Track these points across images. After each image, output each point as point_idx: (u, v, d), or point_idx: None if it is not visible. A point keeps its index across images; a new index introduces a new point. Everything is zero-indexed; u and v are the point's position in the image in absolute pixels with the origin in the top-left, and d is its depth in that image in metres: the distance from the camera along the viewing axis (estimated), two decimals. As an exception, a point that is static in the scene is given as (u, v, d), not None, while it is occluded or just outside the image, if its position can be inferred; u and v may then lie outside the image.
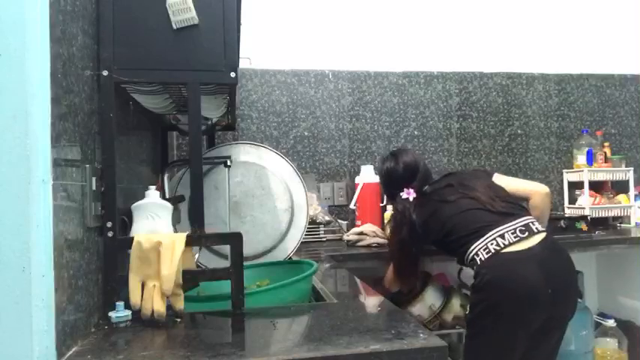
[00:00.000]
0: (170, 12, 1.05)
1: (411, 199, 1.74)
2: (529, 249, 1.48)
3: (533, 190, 1.74)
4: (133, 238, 1.01)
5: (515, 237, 1.49)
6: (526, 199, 1.74)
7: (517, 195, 1.73)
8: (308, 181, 2.32)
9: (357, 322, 0.98)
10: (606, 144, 2.78)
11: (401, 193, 1.76)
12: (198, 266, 1.30)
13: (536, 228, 1.55)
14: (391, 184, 1.84)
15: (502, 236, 1.50)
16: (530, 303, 1.43)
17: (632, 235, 2.31)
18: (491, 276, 1.46)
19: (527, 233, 1.51)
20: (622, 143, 2.94)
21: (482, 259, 1.49)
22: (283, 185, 1.61)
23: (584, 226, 2.21)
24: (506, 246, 1.48)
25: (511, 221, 1.54)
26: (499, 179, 1.76)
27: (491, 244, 1.49)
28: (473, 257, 1.53)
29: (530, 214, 1.63)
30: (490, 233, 1.51)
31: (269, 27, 2.55)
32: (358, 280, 1.43)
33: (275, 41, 2.57)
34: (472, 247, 1.53)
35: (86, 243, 0.94)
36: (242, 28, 1.37)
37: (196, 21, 1.06)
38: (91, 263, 0.96)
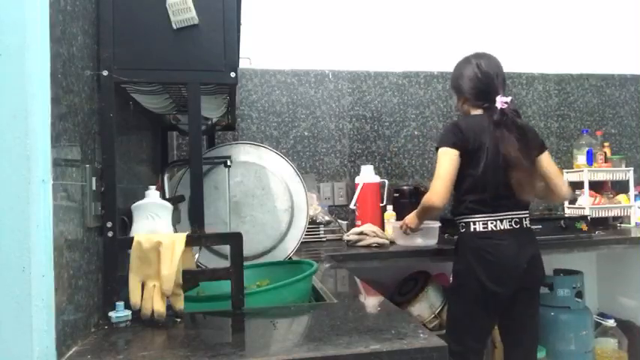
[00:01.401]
0: (170, 12, 1.05)
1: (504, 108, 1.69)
2: (510, 230, 1.70)
3: (561, 192, 1.85)
4: (133, 238, 1.01)
5: (509, 225, 1.70)
6: (549, 186, 1.82)
7: (545, 177, 1.81)
8: (308, 181, 2.32)
9: (357, 322, 0.98)
10: (606, 144, 2.78)
11: (499, 97, 1.70)
12: (198, 266, 1.30)
13: (526, 224, 1.75)
14: (487, 88, 1.74)
15: (501, 221, 1.70)
16: (507, 273, 1.65)
17: (632, 235, 2.31)
18: (484, 246, 1.68)
19: (518, 226, 1.72)
20: (622, 143, 2.94)
21: (478, 229, 1.70)
22: (283, 185, 1.61)
23: (584, 226, 2.21)
24: (497, 229, 1.69)
25: (514, 211, 1.71)
26: (545, 158, 1.81)
27: (492, 222, 1.69)
28: (469, 222, 1.72)
29: (528, 209, 1.77)
30: (495, 214, 1.69)
31: (269, 27, 2.55)
32: (358, 280, 1.43)
33: (275, 41, 2.57)
34: (476, 215, 1.70)
35: (86, 243, 0.94)
36: (242, 28, 1.37)
37: (196, 21, 1.06)
38: (91, 263, 0.96)
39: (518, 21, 2.85)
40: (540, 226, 2.15)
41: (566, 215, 2.50)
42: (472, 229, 1.71)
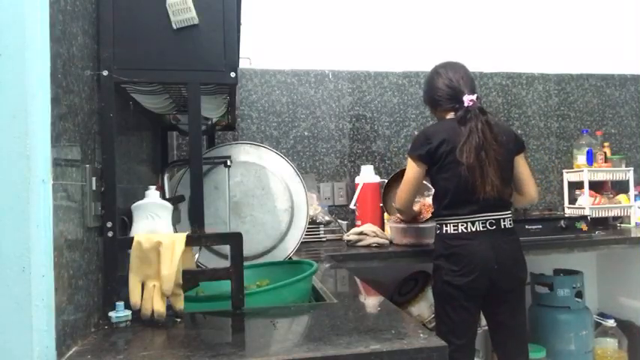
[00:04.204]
0: (170, 12, 1.05)
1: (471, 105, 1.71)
2: (484, 231, 1.70)
3: (531, 194, 1.88)
4: (133, 238, 1.01)
5: (482, 227, 1.70)
6: (517, 189, 1.86)
7: (517, 181, 1.84)
8: (308, 181, 2.32)
9: (357, 322, 0.98)
10: (606, 144, 2.78)
11: (465, 97, 1.72)
12: (198, 266, 1.30)
13: (504, 225, 1.73)
14: (455, 91, 1.78)
15: (472, 223, 1.70)
16: (472, 267, 1.66)
17: (632, 235, 2.31)
18: (452, 247, 1.70)
19: (494, 227, 1.70)
20: (622, 143, 2.94)
21: (449, 231, 1.72)
22: (283, 185, 1.61)
23: (584, 226, 2.21)
24: (468, 231, 1.70)
25: (489, 212, 1.70)
26: (519, 160, 1.83)
27: (462, 224, 1.70)
28: (442, 224, 1.74)
29: (509, 210, 1.77)
30: (467, 217, 1.70)
31: (269, 27, 2.55)
32: (358, 280, 1.43)
33: (275, 41, 2.57)
34: (448, 218, 1.72)
35: (86, 243, 0.94)
36: (242, 28, 1.37)
37: (196, 21, 1.06)
38: (91, 263, 0.96)
39: (519, 21, 2.85)
40: (540, 226, 2.15)
41: (566, 215, 2.50)
42: (444, 231, 1.73)
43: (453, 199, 1.70)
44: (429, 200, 2.15)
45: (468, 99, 1.72)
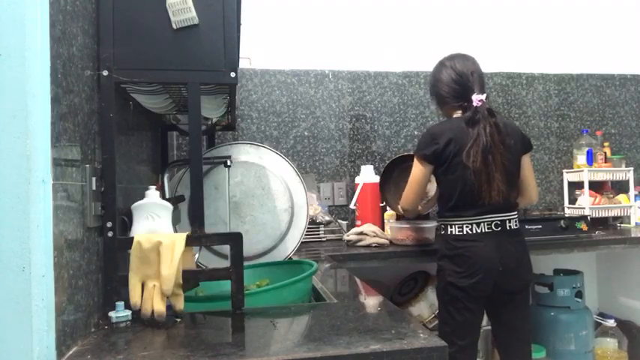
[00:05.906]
0: (170, 12, 1.05)
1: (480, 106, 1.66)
2: (489, 232, 1.67)
3: (531, 196, 1.86)
4: (133, 238, 1.01)
5: (488, 228, 1.67)
6: (519, 190, 1.83)
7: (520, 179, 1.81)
8: (308, 181, 2.32)
9: (357, 322, 0.98)
10: (606, 144, 2.78)
11: (474, 97, 1.67)
12: (198, 266, 1.30)
13: (510, 226, 1.70)
14: (464, 87, 1.72)
15: (478, 224, 1.67)
16: (476, 268, 1.64)
17: (632, 235, 2.31)
18: (457, 248, 1.68)
19: (499, 228, 1.68)
20: (622, 143, 2.94)
21: (454, 233, 1.70)
22: (283, 185, 1.61)
23: (584, 226, 2.21)
24: (473, 232, 1.67)
25: (494, 213, 1.68)
26: (525, 161, 1.80)
27: (467, 226, 1.68)
28: (447, 225, 1.72)
29: (515, 211, 1.74)
30: (472, 218, 1.68)
31: (269, 27, 2.55)
32: (358, 280, 1.43)
33: (275, 41, 2.57)
34: (453, 219, 1.70)
35: (86, 243, 0.94)
36: (242, 28, 1.37)
37: (196, 21, 1.06)
38: (91, 263, 0.96)
39: (519, 21, 2.85)
40: (540, 226, 2.15)
41: (566, 215, 2.50)
42: (449, 232, 1.71)
43: (458, 201, 1.68)
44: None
45: (477, 99, 1.67)
